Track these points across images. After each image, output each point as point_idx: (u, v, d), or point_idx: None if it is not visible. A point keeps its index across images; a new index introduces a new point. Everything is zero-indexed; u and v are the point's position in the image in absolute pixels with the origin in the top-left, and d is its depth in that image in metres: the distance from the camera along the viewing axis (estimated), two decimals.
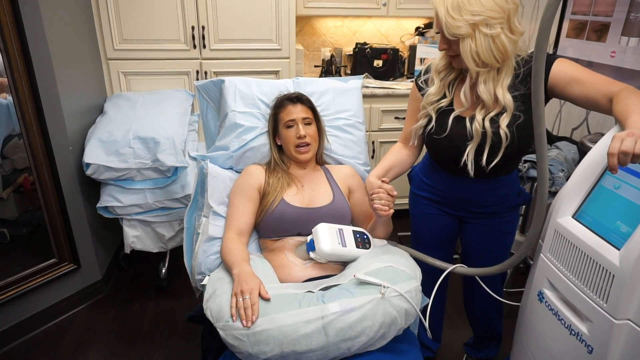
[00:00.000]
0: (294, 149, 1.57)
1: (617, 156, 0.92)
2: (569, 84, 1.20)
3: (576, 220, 1.11)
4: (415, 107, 1.47)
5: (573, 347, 1.08)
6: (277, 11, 2.55)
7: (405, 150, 1.52)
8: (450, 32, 1.20)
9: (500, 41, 1.19)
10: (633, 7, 1.88)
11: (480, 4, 1.16)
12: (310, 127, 1.59)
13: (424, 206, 1.56)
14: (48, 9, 1.86)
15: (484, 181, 1.40)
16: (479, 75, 1.25)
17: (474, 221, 1.50)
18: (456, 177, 1.42)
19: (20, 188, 2.04)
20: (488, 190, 1.42)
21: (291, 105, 1.59)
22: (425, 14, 2.99)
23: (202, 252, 1.48)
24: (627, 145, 0.91)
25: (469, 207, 1.47)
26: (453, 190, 1.47)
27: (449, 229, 1.56)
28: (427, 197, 1.54)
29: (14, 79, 1.79)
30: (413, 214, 1.63)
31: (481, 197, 1.44)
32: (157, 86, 2.55)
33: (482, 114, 1.28)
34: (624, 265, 0.94)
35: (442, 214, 1.54)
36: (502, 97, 1.24)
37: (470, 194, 1.44)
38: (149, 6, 2.41)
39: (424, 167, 1.56)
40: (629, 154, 0.91)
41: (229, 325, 1.13)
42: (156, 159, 2.01)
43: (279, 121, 1.61)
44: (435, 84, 1.37)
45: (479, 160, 1.30)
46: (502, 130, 1.24)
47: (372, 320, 1.14)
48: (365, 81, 2.83)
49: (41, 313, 2.07)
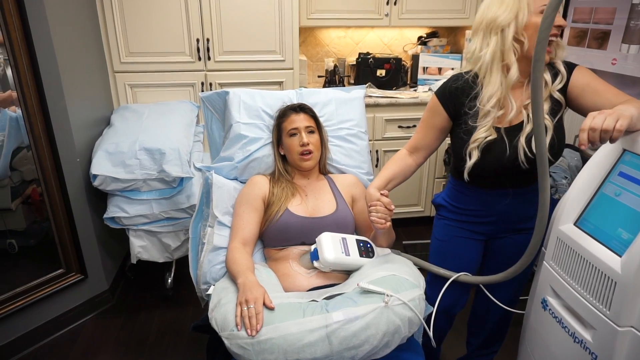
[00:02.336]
0: (297, 157, 1.58)
1: (587, 132, 1.00)
2: (585, 91, 1.21)
3: (578, 227, 1.11)
4: (434, 122, 1.39)
5: (577, 354, 1.08)
6: (281, 23, 2.59)
7: (409, 159, 1.48)
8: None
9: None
10: (633, 15, 1.89)
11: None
12: (313, 136, 1.60)
13: (451, 230, 1.50)
14: (56, 23, 1.91)
15: (523, 190, 1.35)
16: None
17: (505, 238, 1.46)
18: (499, 191, 1.37)
19: (28, 199, 2.07)
20: (530, 200, 1.33)
21: (294, 115, 1.61)
22: (428, 23, 3.02)
23: (207, 261, 1.49)
24: (596, 122, 1.00)
25: (509, 224, 1.41)
26: (495, 207, 1.40)
27: (477, 252, 1.50)
28: (462, 220, 1.47)
29: (23, 93, 1.83)
30: (440, 239, 1.54)
31: (523, 209, 1.38)
32: (162, 98, 2.58)
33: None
34: (625, 272, 0.94)
35: (474, 242, 1.48)
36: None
37: (515, 207, 1.38)
38: (155, 20, 2.46)
39: (451, 193, 1.49)
40: (596, 129, 0.99)
41: (234, 334, 1.14)
42: (162, 169, 2.04)
43: (283, 130, 1.63)
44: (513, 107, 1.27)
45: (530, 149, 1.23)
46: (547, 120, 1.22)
47: (376, 328, 1.14)
48: (369, 90, 2.86)
49: (48, 323, 2.09)
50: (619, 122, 0.99)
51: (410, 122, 2.81)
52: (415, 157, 1.48)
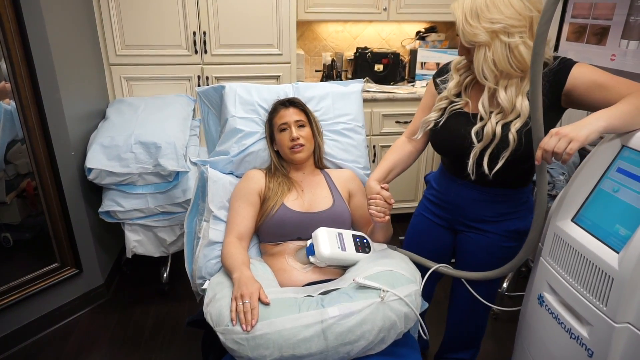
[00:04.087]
0: (288, 150, 1.58)
1: (542, 151, 1.02)
2: (591, 89, 1.14)
3: (575, 223, 1.11)
4: (428, 102, 1.45)
5: (573, 350, 1.08)
6: (278, 16, 2.57)
7: (408, 146, 1.50)
8: (467, 40, 1.18)
9: (519, 51, 1.15)
10: (633, 10, 1.88)
11: (499, 11, 1.13)
12: (303, 130, 1.59)
13: (423, 207, 1.56)
14: (51, 15, 1.88)
15: (483, 189, 1.35)
16: (499, 82, 1.22)
17: (468, 234, 1.45)
18: (456, 180, 1.39)
19: (23, 193, 2.05)
20: (486, 201, 1.37)
21: (283, 110, 1.61)
22: (426, 18, 3.00)
23: (202, 256, 1.48)
24: (549, 144, 1.01)
25: (462, 217, 1.43)
26: (450, 194, 1.44)
27: (442, 240, 1.51)
28: (429, 199, 1.53)
29: (17, 85, 1.81)
30: (415, 214, 1.61)
31: (477, 208, 1.39)
32: (158, 91, 2.56)
33: (497, 118, 1.23)
34: (623, 269, 0.94)
35: (437, 226, 1.51)
36: (520, 104, 1.21)
37: (465, 201, 1.40)
38: (151, 12, 2.43)
39: (437, 172, 1.54)
40: (548, 151, 1.00)
41: (229, 329, 1.14)
42: (158, 163, 2.02)
43: (274, 126, 1.62)
44: (454, 80, 1.35)
45: (481, 164, 1.25)
46: (512, 134, 1.20)
47: (372, 324, 1.14)
48: (366, 85, 2.84)
49: (43, 317, 2.08)
50: (570, 145, 0.99)
51: (408, 117, 2.80)
52: (415, 143, 1.49)
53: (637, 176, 1.01)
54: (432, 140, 1.44)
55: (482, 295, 1.46)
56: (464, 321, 1.61)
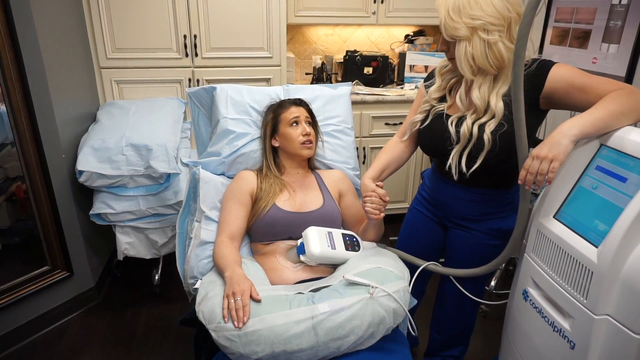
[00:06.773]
0: (298, 145, 1.59)
1: (526, 173, 1.09)
2: (570, 91, 1.17)
3: (557, 220, 1.14)
4: (418, 105, 1.50)
5: (556, 343, 1.11)
6: (268, 20, 2.59)
7: (400, 146, 1.55)
8: (449, 33, 1.23)
9: (497, 48, 1.20)
10: (612, 15, 1.94)
11: (480, 8, 1.18)
12: (312, 128, 1.63)
13: (417, 202, 1.61)
14: (41, 18, 1.89)
15: (467, 189, 1.40)
16: (474, 81, 1.27)
17: (456, 231, 1.49)
18: (443, 178, 1.44)
19: (13, 196, 2.05)
20: (469, 201, 1.41)
21: (294, 107, 1.64)
22: (414, 22, 3.05)
23: (194, 256, 1.50)
24: (532, 167, 1.08)
25: (449, 214, 1.48)
26: (438, 191, 1.49)
27: (434, 235, 1.56)
28: (423, 195, 1.59)
29: (7, 88, 1.81)
30: (409, 208, 1.67)
31: (461, 206, 1.44)
32: (149, 94, 2.57)
33: (472, 119, 1.27)
34: (601, 262, 0.97)
35: (430, 220, 1.56)
36: (495, 104, 1.24)
37: (451, 199, 1.45)
38: (142, 15, 2.44)
39: (431, 169, 1.60)
40: (532, 174, 1.08)
41: (221, 326, 1.15)
42: (149, 165, 2.03)
43: (281, 121, 1.62)
44: (436, 84, 1.41)
45: (460, 164, 1.30)
46: (486, 135, 1.24)
47: (361, 319, 1.16)
48: (356, 88, 2.88)
49: (34, 321, 2.07)
50: (552, 165, 1.06)
51: (397, 119, 2.84)
52: (407, 143, 1.55)
53: (615, 173, 1.05)
54: (418, 141, 1.51)
55: (469, 292, 1.50)
56: (453, 318, 1.64)
